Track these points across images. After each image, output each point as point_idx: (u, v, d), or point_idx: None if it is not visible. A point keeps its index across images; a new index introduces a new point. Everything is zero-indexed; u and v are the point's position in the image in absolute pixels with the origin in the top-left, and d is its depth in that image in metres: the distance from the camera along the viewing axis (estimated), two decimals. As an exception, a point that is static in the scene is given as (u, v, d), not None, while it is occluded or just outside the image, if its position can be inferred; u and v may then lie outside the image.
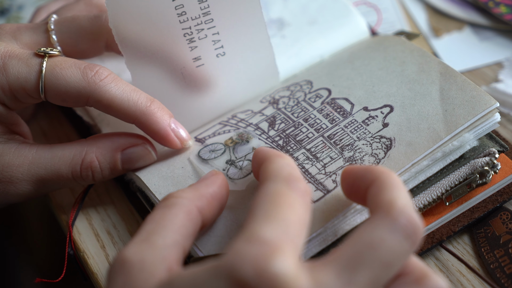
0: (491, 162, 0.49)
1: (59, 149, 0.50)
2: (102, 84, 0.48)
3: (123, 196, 0.56)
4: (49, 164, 0.50)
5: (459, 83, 0.51)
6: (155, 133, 0.50)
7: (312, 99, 0.54)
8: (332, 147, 0.50)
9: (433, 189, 0.48)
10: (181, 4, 0.51)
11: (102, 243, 0.52)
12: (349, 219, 0.46)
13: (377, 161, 0.48)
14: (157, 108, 0.50)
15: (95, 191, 0.56)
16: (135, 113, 0.49)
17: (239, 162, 0.51)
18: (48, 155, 0.50)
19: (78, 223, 0.54)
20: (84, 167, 0.50)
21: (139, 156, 0.51)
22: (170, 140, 0.50)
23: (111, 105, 0.49)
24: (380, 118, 0.51)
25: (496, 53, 0.64)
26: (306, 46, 0.61)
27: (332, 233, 0.46)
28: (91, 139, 0.51)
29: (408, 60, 0.54)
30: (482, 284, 0.48)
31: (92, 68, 0.49)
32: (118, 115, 0.50)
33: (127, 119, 0.50)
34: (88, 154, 0.50)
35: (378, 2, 0.71)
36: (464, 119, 0.49)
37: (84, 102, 0.49)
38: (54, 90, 0.48)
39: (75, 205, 0.54)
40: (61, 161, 0.50)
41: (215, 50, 0.54)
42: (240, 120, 0.55)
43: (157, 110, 0.50)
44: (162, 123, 0.50)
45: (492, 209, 0.50)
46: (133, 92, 0.49)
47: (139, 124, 0.50)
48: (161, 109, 0.50)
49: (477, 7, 0.69)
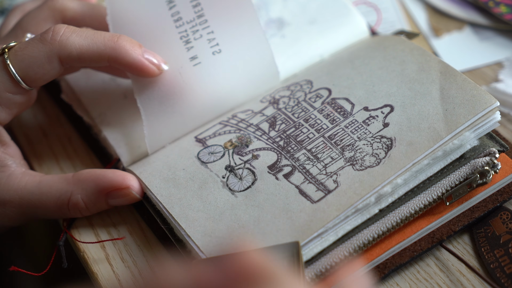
0: (492, 162, 0.49)
1: (46, 186, 0.51)
2: (63, 39, 0.49)
3: (123, 196, 0.56)
4: (38, 201, 0.51)
5: (459, 82, 0.51)
6: (130, 65, 0.51)
7: (312, 99, 0.54)
8: (333, 147, 0.50)
9: (434, 189, 0.48)
10: (177, 11, 0.53)
11: (102, 243, 0.52)
12: (350, 219, 0.46)
13: (378, 161, 0.48)
14: (125, 41, 0.50)
15: (95, 191, 0.56)
16: (105, 51, 0.50)
17: (239, 170, 0.51)
18: (36, 192, 0.51)
19: (78, 223, 0.54)
20: (71, 207, 0.51)
21: (124, 199, 0.51)
22: (146, 68, 0.51)
23: (82, 54, 0.50)
24: (381, 118, 0.51)
25: (496, 53, 0.64)
26: (306, 46, 0.61)
27: (334, 233, 0.46)
28: (77, 178, 0.51)
29: (408, 59, 0.54)
30: (482, 284, 0.48)
31: (47, 31, 0.50)
32: (92, 61, 0.50)
33: (101, 61, 0.50)
34: (74, 196, 0.50)
35: (378, 1, 0.71)
36: (464, 118, 0.48)
37: (58, 65, 0.50)
38: (29, 71, 0.49)
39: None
40: (48, 199, 0.51)
41: (211, 48, 0.55)
42: (240, 120, 0.55)
43: (126, 43, 0.50)
44: (134, 53, 0.50)
45: (492, 209, 0.50)
46: (96, 34, 0.50)
47: (113, 60, 0.50)
48: (130, 41, 0.51)
49: (477, 7, 0.69)
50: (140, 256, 0.51)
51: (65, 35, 0.49)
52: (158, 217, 0.51)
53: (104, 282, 0.50)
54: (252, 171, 0.50)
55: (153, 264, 0.49)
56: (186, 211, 0.49)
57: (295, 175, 0.49)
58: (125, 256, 0.51)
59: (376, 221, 0.47)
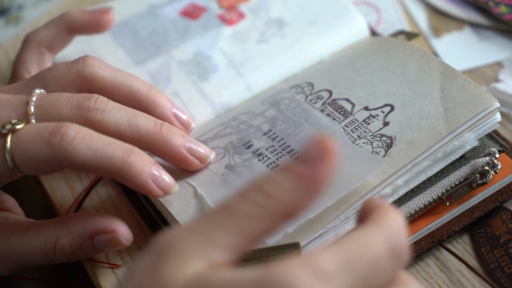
0: (492, 162, 0.49)
1: (34, 231, 0.48)
2: (70, 149, 0.44)
3: (123, 196, 0.56)
4: (24, 251, 0.48)
5: (460, 82, 0.51)
6: (136, 187, 0.46)
7: (313, 101, 0.54)
8: (333, 144, 0.50)
9: (434, 189, 0.48)
10: None
11: (102, 243, 0.52)
12: (351, 219, 0.46)
13: (378, 160, 0.48)
14: (135, 160, 0.45)
15: (95, 191, 0.56)
16: (111, 170, 0.45)
17: (238, 168, 0.51)
18: (22, 243, 0.48)
19: (78, 223, 0.54)
20: (57, 251, 0.48)
21: (110, 244, 0.48)
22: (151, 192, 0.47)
23: (86, 168, 0.45)
24: (381, 117, 0.51)
25: (496, 53, 0.64)
26: (306, 46, 0.61)
27: (334, 234, 0.46)
28: (63, 221, 0.49)
29: (409, 60, 0.54)
30: (482, 284, 0.48)
31: (57, 132, 0.44)
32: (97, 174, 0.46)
33: (108, 176, 0.47)
34: (60, 239, 0.48)
35: (378, 1, 0.71)
36: (465, 117, 0.49)
37: (57, 168, 0.46)
38: (26, 166, 0.45)
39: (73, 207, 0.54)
40: (35, 244, 0.48)
41: None
42: (241, 122, 0.55)
43: (136, 163, 0.45)
44: (142, 177, 0.46)
45: (492, 209, 0.50)
46: (107, 148, 0.45)
47: (119, 180, 0.46)
48: (141, 160, 0.45)
49: (477, 7, 0.69)
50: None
51: (73, 145, 0.44)
52: (158, 217, 0.51)
53: (104, 282, 0.50)
54: (251, 168, 0.50)
55: None
56: (186, 209, 0.49)
57: None
58: (125, 256, 0.51)
59: (376, 221, 0.47)
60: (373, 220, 0.36)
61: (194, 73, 0.60)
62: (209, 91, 0.58)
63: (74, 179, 0.57)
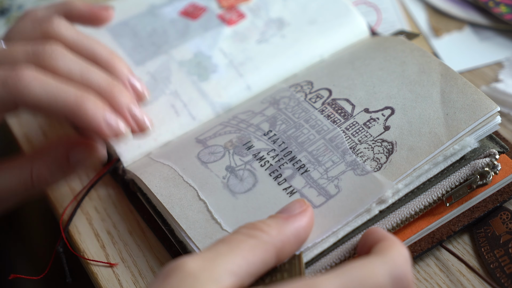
0: (492, 163, 0.49)
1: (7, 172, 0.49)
2: (24, 86, 0.45)
3: (123, 196, 0.56)
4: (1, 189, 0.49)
5: (460, 85, 0.51)
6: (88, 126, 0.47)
7: (313, 99, 0.54)
8: (334, 150, 0.50)
9: (434, 190, 0.48)
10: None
11: (102, 243, 0.53)
12: (351, 221, 0.46)
13: (379, 166, 0.48)
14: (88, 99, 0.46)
15: (95, 191, 0.56)
16: (64, 109, 0.46)
17: (239, 171, 0.51)
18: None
19: (78, 223, 0.54)
20: (35, 181, 0.49)
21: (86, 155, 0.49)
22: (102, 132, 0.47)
23: (40, 106, 0.46)
24: (381, 121, 0.51)
25: (496, 53, 0.64)
26: (306, 46, 0.61)
27: (334, 235, 0.46)
28: (34, 152, 0.49)
29: (409, 60, 0.54)
30: (482, 284, 0.48)
31: (11, 73, 0.46)
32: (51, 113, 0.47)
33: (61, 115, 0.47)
34: (35, 169, 0.48)
35: (378, 1, 0.71)
36: (465, 123, 0.48)
37: (15, 107, 0.47)
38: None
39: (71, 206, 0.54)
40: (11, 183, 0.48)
41: None
42: (241, 121, 0.55)
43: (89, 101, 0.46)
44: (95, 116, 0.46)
45: (492, 209, 0.50)
46: (60, 86, 0.46)
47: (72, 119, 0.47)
48: (93, 99, 0.46)
49: (477, 7, 0.69)
50: (140, 256, 0.52)
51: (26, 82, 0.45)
52: (158, 218, 0.51)
53: (104, 282, 0.50)
54: (252, 173, 0.50)
55: None
56: (187, 212, 0.49)
57: (296, 178, 0.49)
58: (125, 256, 0.52)
59: (377, 222, 0.47)
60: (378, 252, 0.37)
61: (194, 73, 0.59)
62: (209, 91, 0.58)
63: (74, 179, 0.57)
